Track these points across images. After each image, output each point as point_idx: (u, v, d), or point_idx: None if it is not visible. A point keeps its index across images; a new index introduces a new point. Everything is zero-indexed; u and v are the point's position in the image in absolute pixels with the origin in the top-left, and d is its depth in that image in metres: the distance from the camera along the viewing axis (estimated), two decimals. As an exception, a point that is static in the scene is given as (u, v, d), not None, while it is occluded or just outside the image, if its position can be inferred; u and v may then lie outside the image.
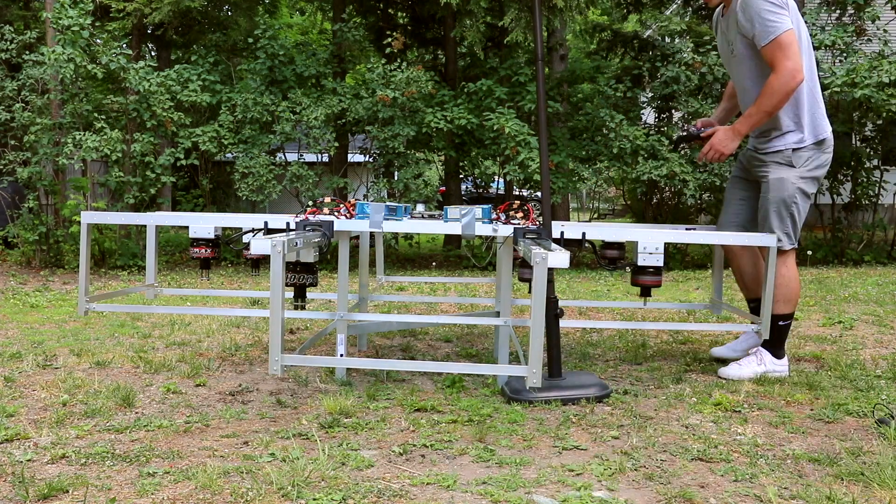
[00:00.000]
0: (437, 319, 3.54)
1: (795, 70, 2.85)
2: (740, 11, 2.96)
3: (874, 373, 3.19)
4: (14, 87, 8.44)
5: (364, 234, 3.71)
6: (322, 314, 3.29)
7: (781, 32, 2.85)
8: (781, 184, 3.04)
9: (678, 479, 2.05)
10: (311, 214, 2.96)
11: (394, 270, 8.58)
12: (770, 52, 2.88)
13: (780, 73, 2.85)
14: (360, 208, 2.99)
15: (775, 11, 2.86)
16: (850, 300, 5.43)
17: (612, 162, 8.69)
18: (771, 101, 2.88)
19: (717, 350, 3.48)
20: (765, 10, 2.86)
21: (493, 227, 2.90)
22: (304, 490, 1.96)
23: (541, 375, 2.51)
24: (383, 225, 2.90)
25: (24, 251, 8.66)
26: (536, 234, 2.81)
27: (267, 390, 3.04)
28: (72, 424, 2.57)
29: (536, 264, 2.37)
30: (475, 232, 2.90)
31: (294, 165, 8.55)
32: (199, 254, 3.03)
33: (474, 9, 8.75)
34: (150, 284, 3.32)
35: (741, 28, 2.98)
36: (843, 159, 8.84)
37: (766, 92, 2.89)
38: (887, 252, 8.89)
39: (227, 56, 9.78)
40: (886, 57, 7.82)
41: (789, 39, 2.85)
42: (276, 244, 2.39)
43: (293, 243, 2.51)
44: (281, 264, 2.44)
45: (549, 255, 2.35)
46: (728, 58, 3.19)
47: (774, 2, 2.87)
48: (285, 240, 2.43)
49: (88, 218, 3.09)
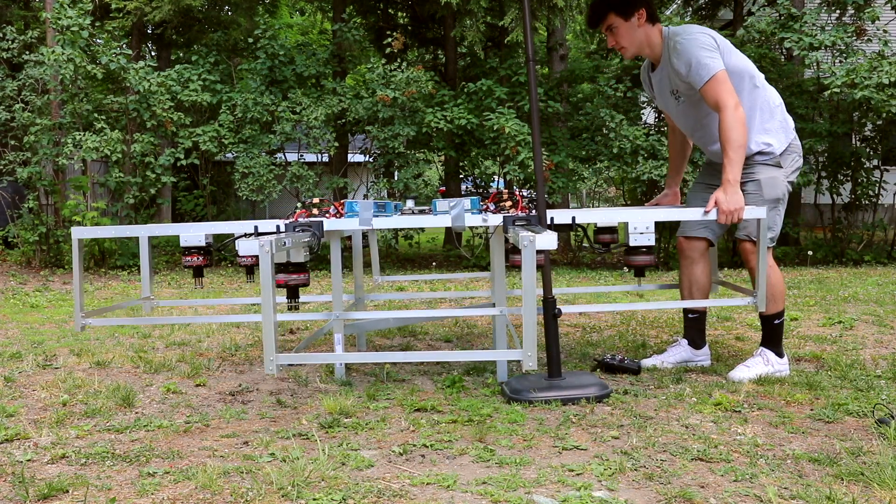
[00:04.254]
0: (433, 314, 3.53)
1: (737, 103, 2.94)
2: (674, 59, 3.04)
3: (874, 373, 3.19)
4: (14, 87, 8.44)
5: (356, 234, 3.71)
6: (320, 315, 3.29)
7: (717, 71, 2.94)
8: (774, 182, 3.07)
9: (678, 479, 2.05)
10: (302, 216, 2.96)
11: (394, 270, 8.58)
12: (711, 90, 2.96)
13: (727, 108, 2.92)
14: (349, 207, 2.99)
15: (707, 54, 2.96)
16: (850, 300, 5.43)
17: (612, 162, 8.69)
18: (735, 133, 2.92)
19: (646, 361, 3.42)
20: (698, 54, 2.96)
21: (482, 217, 2.90)
22: (304, 490, 1.96)
23: (536, 359, 2.53)
24: (373, 222, 2.90)
25: (24, 251, 8.66)
26: (526, 221, 2.81)
27: (267, 390, 3.04)
28: (72, 424, 2.57)
29: (525, 247, 2.39)
30: (465, 223, 2.90)
31: (294, 165, 8.55)
32: (191, 262, 3.03)
33: (474, 9, 8.76)
34: (147, 297, 3.31)
35: (678, 75, 3.05)
36: (843, 159, 8.84)
37: (727, 131, 2.92)
38: (887, 252, 8.89)
39: (227, 56, 9.78)
40: (886, 57, 7.82)
41: (724, 76, 2.95)
42: (264, 244, 2.42)
43: (281, 243, 2.52)
44: (270, 264, 2.46)
45: (537, 237, 2.37)
46: (675, 108, 3.24)
47: (705, 45, 2.97)
48: (273, 239, 2.45)
49: (79, 233, 3.06)
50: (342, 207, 3.04)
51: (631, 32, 3.10)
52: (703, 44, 2.97)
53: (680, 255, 3.41)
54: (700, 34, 3.01)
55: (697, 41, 2.98)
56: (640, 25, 3.08)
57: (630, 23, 3.08)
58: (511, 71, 9.22)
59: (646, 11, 3.08)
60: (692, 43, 2.98)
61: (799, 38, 8.05)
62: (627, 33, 3.10)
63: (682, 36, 3.02)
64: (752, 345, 3.84)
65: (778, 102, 3.15)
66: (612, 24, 3.10)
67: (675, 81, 3.11)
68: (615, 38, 3.12)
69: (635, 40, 3.11)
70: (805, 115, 8.55)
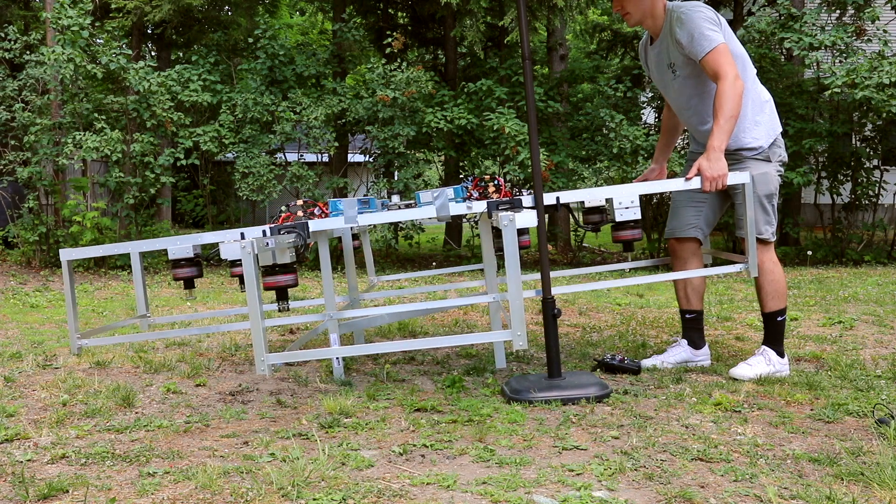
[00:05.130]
0: (427, 305, 3.53)
1: (737, 75, 2.95)
2: (677, 28, 3.04)
3: (874, 373, 3.20)
4: (15, 86, 8.44)
5: (344, 233, 3.70)
6: (316, 316, 3.30)
7: (718, 43, 2.96)
8: (766, 178, 3.09)
9: (678, 479, 2.05)
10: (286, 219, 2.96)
11: (394, 270, 8.58)
12: (712, 60, 2.97)
13: (727, 77, 2.93)
14: (333, 206, 2.99)
15: (710, 27, 2.98)
16: (850, 300, 5.43)
17: (612, 162, 8.69)
18: (731, 104, 2.92)
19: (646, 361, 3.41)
20: (701, 25, 2.98)
21: (466, 205, 2.89)
22: (304, 490, 1.96)
23: (525, 339, 2.55)
24: (358, 219, 2.89)
25: (24, 251, 8.66)
26: (509, 205, 2.81)
27: (267, 390, 3.04)
28: (72, 424, 2.57)
29: (505, 226, 2.41)
30: (450, 212, 2.89)
31: (294, 165, 8.55)
32: (181, 273, 3.03)
33: (474, 8, 8.76)
34: (143, 315, 3.31)
35: (678, 46, 3.06)
36: (843, 159, 8.84)
37: (722, 99, 2.93)
38: (887, 252, 8.89)
39: (227, 56, 9.78)
40: (886, 57, 7.82)
41: (726, 49, 2.97)
42: (245, 245, 2.43)
43: (263, 244, 2.53)
44: (252, 265, 2.47)
45: (517, 216, 2.40)
46: (669, 83, 3.24)
47: (709, 18, 2.99)
48: (254, 240, 2.46)
49: (67, 255, 3.05)
50: (326, 207, 3.03)
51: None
52: (706, 17, 3.00)
53: (672, 258, 3.41)
54: (705, 8, 3.04)
55: (702, 13, 3.01)
56: None
57: None
58: (511, 71, 9.22)
59: None
60: (696, 14, 3.00)
61: (799, 38, 8.05)
62: None
63: (687, 7, 3.05)
64: (752, 345, 3.84)
65: (767, 98, 3.18)
66: None
67: (674, 54, 3.11)
68: (622, 2, 3.15)
69: (640, 7, 3.13)
70: (805, 115, 8.55)
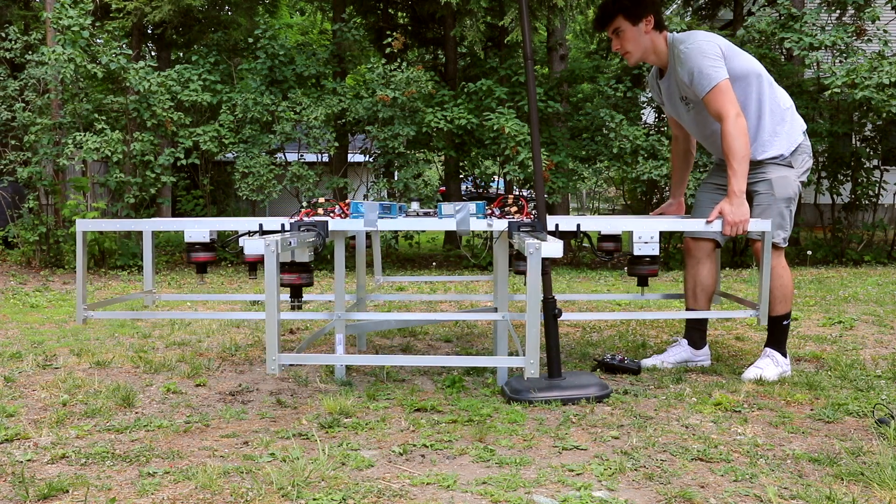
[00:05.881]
0: (434, 317, 3.54)
1: (738, 113, 2.94)
2: (678, 67, 3.04)
3: (874, 373, 3.20)
4: (16, 86, 8.45)
5: (360, 234, 3.71)
6: (321, 314, 3.30)
7: (720, 80, 2.94)
8: (786, 182, 3.07)
9: (678, 479, 2.05)
10: (306, 215, 2.96)
11: (394, 270, 8.58)
12: (713, 100, 2.96)
13: (728, 117, 2.92)
14: (354, 208, 2.99)
15: (710, 63, 2.95)
16: (850, 300, 5.43)
17: (612, 162, 8.69)
18: (737, 143, 2.92)
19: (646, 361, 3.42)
20: (700, 63, 2.96)
21: (487, 222, 2.90)
22: (304, 490, 1.96)
23: (538, 366, 2.52)
24: (378, 223, 2.90)
25: (24, 251, 8.67)
26: (531, 227, 2.81)
27: (267, 390, 3.04)
28: (72, 424, 2.57)
29: (530, 254, 2.39)
30: (470, 228, 2.90)
31: (294, 165, 8.55)
32: (196, 257, 3.03)
33: (474, 8, 8.76)
34: (148, 291, 3.31)
35: (683, 84, 3.06)
36: (843, 159, 8.84)
37: (728, 140, 2.92)
38: (887, 252, 8.89)
39: (227, 56, 9.78)
40: (886, 57, 7.82)
41: (727, 86, 2.95)
42: (270, 244, 2.41)
43: (287, 242, 2.52)
44: (275, 263, 2.45)
45: (543, 245, 2.37)
46: (685, 115, 3.23)
47: (708, 54, 2.96)
48: (279, 239, 2.44)
49: (83, 226, 3.05)
50: (347, 208, 3.04)
51: (637, 38, 3.08)
52: (706, 52, 2.96)
53: (686, 255, 3.40)
54: (704, 42, 3.00)
55: (701, 50, 2.97)
56: (647, 32, 3.08)
57: (637, 28, 3.07)
58: (511, 71, 9.22)
59: (654, 18, 3.07)
60: (695, 52, 2.97)
61: (799, 38, 8.05)
62: (634, 38, 3.09)
63: (686, 44, 3.01)
64: (752, 345, 3.84)
65: (788, 105, 3.14)
66: (620, 28, 3.09)
67: (684, 88, 3.10)
68: (621, 42, 3.11)
69: (640, 46, 3.10)
70: (805, 115, 8.53)
